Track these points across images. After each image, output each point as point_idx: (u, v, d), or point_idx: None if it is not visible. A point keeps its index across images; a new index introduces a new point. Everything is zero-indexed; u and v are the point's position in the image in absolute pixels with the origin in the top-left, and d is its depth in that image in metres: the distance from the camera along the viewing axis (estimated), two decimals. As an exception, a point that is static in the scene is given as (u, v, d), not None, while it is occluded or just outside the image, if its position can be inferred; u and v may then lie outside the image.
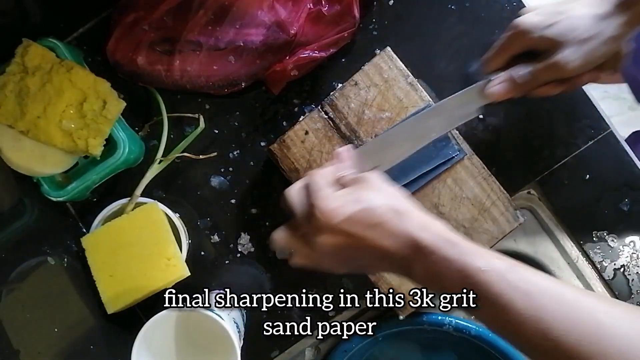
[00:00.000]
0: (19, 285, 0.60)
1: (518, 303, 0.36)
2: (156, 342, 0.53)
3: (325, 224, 0.40)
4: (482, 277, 0.37)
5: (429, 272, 0.40)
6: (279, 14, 0.55)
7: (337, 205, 0.40)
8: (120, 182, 0.60)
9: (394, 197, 0.42)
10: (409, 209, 0.41)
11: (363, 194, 0.41)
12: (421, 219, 0.40)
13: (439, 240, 0.39)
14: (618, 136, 0.61)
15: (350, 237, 0.40)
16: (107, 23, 0.58)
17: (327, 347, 0.62)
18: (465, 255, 0.38)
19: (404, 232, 0.39)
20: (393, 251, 0.40)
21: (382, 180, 0.43)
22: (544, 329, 0.35)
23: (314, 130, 0.56)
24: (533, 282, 0.37)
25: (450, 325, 0.58)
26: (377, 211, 0.40)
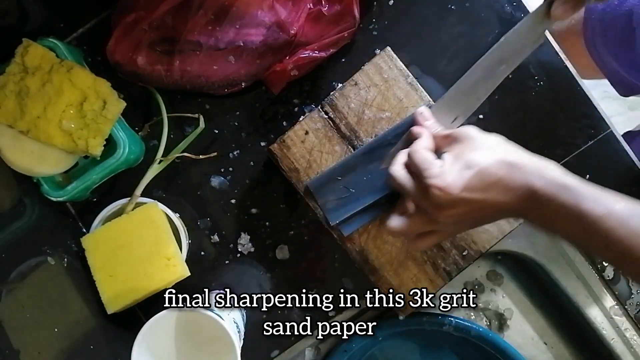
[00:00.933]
0: (19, 285, 0.60)
1: None
2: (156, 342, 0.53)
3: (446, 199, 0.40)
4: (602, 223, 0.37)
5: (548, 220, 0.40)
6: (279, 14, 0.55)
7: (452, 179, 0.40)
8: (120, 182, 0.60)
9: (499, 148, 0.42)
10: (519, 157, 0.41)
11: (470, 156, 0.41)
12: (534, 166, 0.40)
13: (555, 187, 0.38)
14: (618, 136, 0.61)
15: (472, 202, 0.40)
16: (107, 23, 0.58)
17: (327, 347, 0.62)
18: (583, 200, 0.38)
19: (520, 184, 0.39)
20: (514, 204, 0.40)
21: (479, 133, 0.43)
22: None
23: (314, 130, 0.56)
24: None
25: (450, 325, 0.58)
26: (490, 170, 0.40)
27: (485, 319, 0.65)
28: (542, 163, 0.41)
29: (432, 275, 0.55)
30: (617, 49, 0.67)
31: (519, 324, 0.65)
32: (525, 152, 0.42)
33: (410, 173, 0.44)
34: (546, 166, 0.40)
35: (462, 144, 0.43)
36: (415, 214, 0.44)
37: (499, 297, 0.65)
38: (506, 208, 0.41)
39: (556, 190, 0.38)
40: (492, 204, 0.40)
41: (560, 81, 0.60)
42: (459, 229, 0.45)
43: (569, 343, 0.66)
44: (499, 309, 0.65)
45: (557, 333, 0.66)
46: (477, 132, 0.43)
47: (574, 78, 0.60)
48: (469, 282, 0.65)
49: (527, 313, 0.65)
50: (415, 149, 0.44)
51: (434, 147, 0.45)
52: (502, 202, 0.40)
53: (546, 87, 0.60)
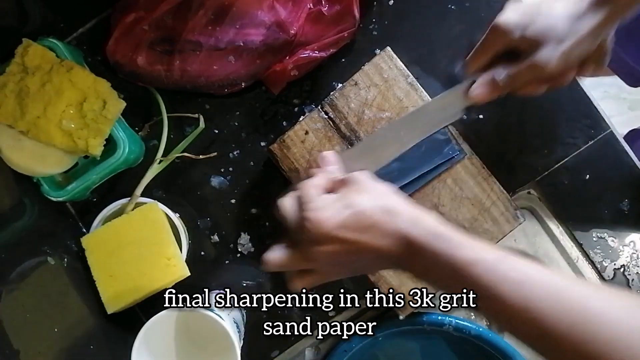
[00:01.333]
0: (19, 285, 0.60)
1: (508, 294, 0.36)
2: (156, 342, 0.53)
3: (319, 234, 0.40)
4: (471, 270, 0.37)
5: (422, 268, 0.40)
6: (279, 14, 0.55)
7: (328, 214, 0.40)
8: (120, 182, 0.60)
9: (383, 195, 0.42)
10: (399, 205, 0.41)
11: (352, 198, 0.41)
12: (411, 215, 0.40)
13: (429, 235, 0.39)
14: (618, 136, 0.61)
15: (345, 242, 0.40)
16: (107, 23, 0.58)
17: (327, 347, 0.62)
18: (455, 248, 0.38)
19: (396, 230, 0.40)
20: (387, 250, 0.40)
21: (369, 179, 0.43)
22: (534, 318, 0.35)
23: (314, 130, 0.56)
24: (523, 272, 0.37)
25: (450, 325, 0.58)
26: (367, 213, 0.40)
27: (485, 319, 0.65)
28: (421, 213, 0.41)
29: (432, 275, 0.55)
30: (625, 38, 0.67)
31: (519, 324, 0.65)
32: (407, 204, 0.42)
33: (296, 205, 0.44)
34: (424, 216, 0.41)
35: (350, 187, 0.43)
36: (294, 249, 0.44)
37: (499, 297, 0.65)
38: (383, 254, 0.41)
39: (430, 239, 0.39)
40: (368, 247, 0.40)
41: (560, 81, 0.60)
42: (337, 271, 0.44)
43: (569, 343, 0.66)
44: (499, 309, 0.65)
45: (557, 333, 0.66)
46: (367, 178, 0.44)
47: (574, 78, 0.60)
48: (469, 282, 0.65)
49: (527, 313, 0.65)
50: (306, 183, 0.44)
51: (328, 188, 0.45)
52: (380, 247, 0.40)
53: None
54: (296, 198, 0.44)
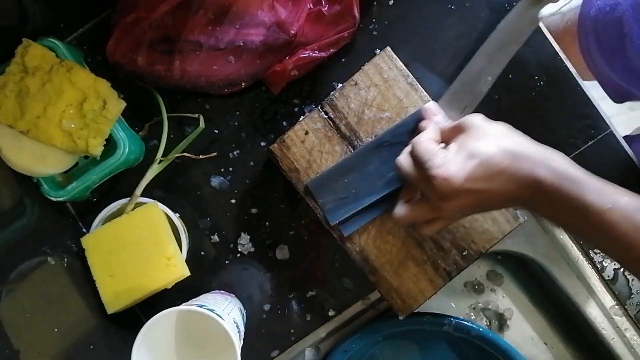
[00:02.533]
0: (19, 285, 0.60)
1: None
2: (156, 342, 0.52)
3: (449, 189, 0.40)
4: (606, 216, 0.36)
5: (552, 210, 0.39)
6: (279, 14, 0.55)
7: (455, 169, 0.40)
8: (120, 182, 0.60)
9: (504, 137, 0.41)
10: (523, 147, 0.40)
11: (473, 145, 0.40)
12: (539, 155, 0.40)
13: (560, 179, 0.38)
14: (618, 136, 0.61)
15: (476, 193, 0.40)
16: (107, 23, 0.58)
17: (327, 347, 0.62)
18: (588, 193, 0.37)
19: (525, 174, 0.39)
20: (518, 194, 0.40)
21: (484, 121, 0.43)
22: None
23: (314, 130, 0.56)
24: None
25: (450, 325, 0.58)
26: (495, 160, 0.39)
27: (485, 319, 0.65)
28: (548, 153, 0.40)
29: (432, 275, 0.55)
30: (609, 55, 0.67)
31: (519, 324, 0.65)
32: (531, 142, 0.41)
33: (415, 163, 0.43)
34: (552, 157, 0.40)
35: (467, 133, 0.42)
36: (420, 202, 0.44)
37: (499, 297, 0.65)
38: (511, 197, 0.40)
39: (561, 182, 0.38)
40: (496, 193, 0.40)
41: (560, 81, 0.60)
42: (464, 215, 0.45)
43: (569, 343, 0.66)
44: (499, 309, 0.65)
45: (557, 333, 0.66)
46: (483, 121, 0.43)
47: (574, 78, 0.60)
48: (469, 282, 0.65)
49: (527, 313, 0.65)
50: (419, 139, 0.43)
51: (440, 139, 0.45)
52: (507, 191, 0.40)
53: (546, 87, 0.60)
54: (414, 155, 0.43)
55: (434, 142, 0.43)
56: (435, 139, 0.44)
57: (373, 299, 0.61)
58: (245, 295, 0.61)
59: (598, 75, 0.72)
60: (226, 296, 0.59)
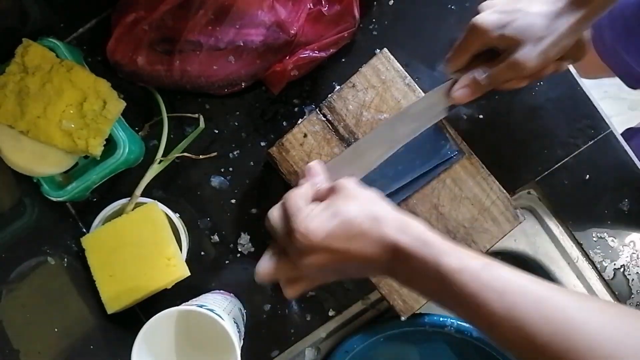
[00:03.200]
0: (19, 285, 0.60)
1: (492, 302, 0.36)
2: (156, 342, 0.53)
3: (307, 244, 0.40)
4: (456, 277, 0.37)
5: (409, 275, 0.40)
6: (279, 14, 0.55)
7: (316, 225, 0.40)
8: (120, 182, 0.60)
9: (369, 202, 0.42)
10: (386, 212, 0.41)
11: (339, 206, 0.41)
12: (398, 221, 0.40)
13: (416, 242, 0.39)
14: (618, 136, 0.61)
15: (334, 252, 0.40)
16: (107, 23, 0.58)
17: (328, 347, 0.62)
18: (440, 255, 0.38)
19: (383, 238, 0.40)
20: (376, 258, 0.40)
21: (355, 186, 0.43)
22: (517, 326, 0.35)
23: (312, 133, 0.56)
24: (507, 280, 0.37)
25: (452, 326, 0.58)
26: (355, 222, 0.40)
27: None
28: (407, 220, 0.41)
29: (432, 275, 0.55)
30: (625, 39, 0.67)
31: (519, 324, 0.65)
32: (394, 209, 0.42)
33: (282, 217, 0.43)
34: (410, 223, 0.40)
35: (336, 194, 0.43)
36: (283, 258, 0.44)
37: (499, 297, 0.65)
38: (370, 261, 0.41)
39: (417, 245, 0.39)
40: (355, 255, 0.40)
41: (560, 81, 0.60)
42: (326, 277, 0.44)
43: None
44: (499, 309, 0.65)
45: (557, 333, 0.66)
46: (353, 185, 0.43)
47: (574, 78, 0.60)
48: (469, 282, 0.65)
49: (527, 313, 0.65)
50: (291, 194, 0.44)
51: (315, 198, 0.45)
52: (366, 254, 0.40)
53: (546, 87, 0.60)
54: (283, 209, 0.43)
55: (305, 200, 0.43)
56: (307, 197, 0.44)
57: (373, 299, 0.61)
58: (245, 295, 0.61)
59: (612, 62, 0.72)
60: (226, 296, 0.59)
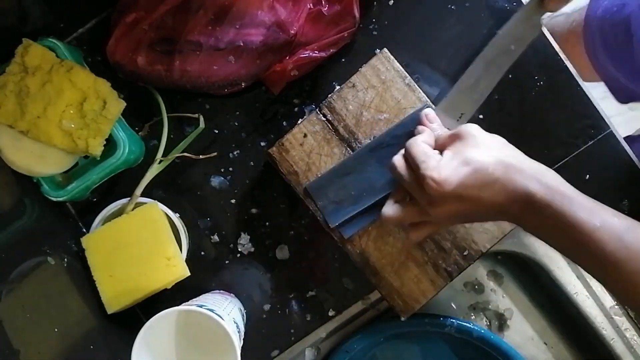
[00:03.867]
0: (19, 285, 0.60)
1: (631, 264, 0.35)
2: (156, 342, 0.52)
3: (440, 193, 0.40)
4: (595, 235, 0.36)
5: (542, 225, 0.39)
6: (279, 14, 0.55)
7: (448, 173, 0.40)
8: (120, 182, 0.60)
9: (500, 148, 0.41)
10: (519, 159, 0.40)
11: (468, 153, 0.40)
12: (532, 170, 0.40)
13: (553, 194, 0.38)
14: (618, 136, 0.61)
15: (467, 200, 0.40)
16: (107, 23, 0.58)
17: (328, 347, 0.62)
18: (579, 210, 0.37)
19: (517, 186, 0.39)
20: (508, 205, 0.39)
21: (482, 132, 0.43)
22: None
23: (312, 133, 0.56)
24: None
25: (452, 326, 0.58)
26: (488, 169, 0.39)
27: (485, 319, 0.65)
28: (541, 168, 0.40)
29: (433, 275, 0.55)
30: (616, 55, 0.67)
31: (519, 324, 0.65)
32: (524, 157, 0.41)
33: (409, 164, 0.43)
34: (545, 172, 0.40)
35: (463, 141, 0.42)
36: (410, 204, 0.44)
37: (499, 297, 0.65)
38: (501, 209, 0.40)
39: (552, 197, 0.38)
40: (486, 203, 0.40)
41: (560, 81, 0.60)
42: (451, 222, 0.45)
43: (569, 343, 0.66)
44: (499, 309, 0.65)
45: (557, 333, 0.66)
46: (479, 131, 0.43)
47: (574, 78, 0.60)
48: (469, 282, 0.65)
49: (527, 313, 0.65)
50: (415, 141, 0.43)
51: (435, 146, 0.45)
52: (497, 202, 0.40)
53: (546, 87, 0.60)
54: (408, 157, 0.43)
55: (429, 146, 0.43)
56: (430, 143, 0.44)
57: (373, 299, 0.61)
58: (245, 295, 0.61)
59: (603, 76, 0.72)
60: (226, 296, 0.59)
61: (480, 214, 0.42)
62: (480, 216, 0.42)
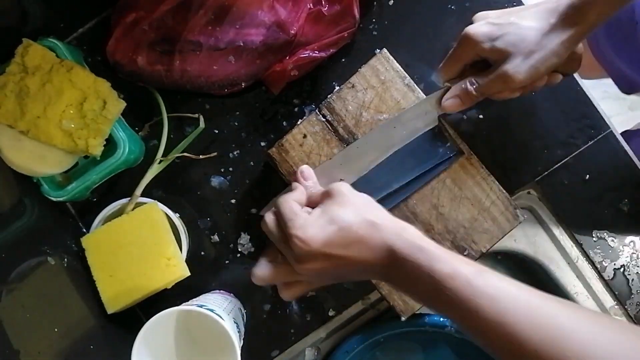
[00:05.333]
0: (19, 285, 0.60)
1: (484, 308, 0.37)
2: (156, 342, 0.52)
3: (306, 252, 0.41)
4: (449, 282, 0.38)
5: (404, 279, 0.41)
6: (279, 14, 0.55)
7: (314, 232, 0.41)
8: (120, 182, 0.60)
9: (365, 207, 0.42)
10: (382, 218, 0.42)
11: (335, 212, 0.41)
12: (394, 227, 0.41)
13: (411, 247, 0.40)
14: (618, 136, 0.61)
15: (332, 257, 0.41)
16: (107, 23, 0.58)
17: (328, 347, 0.62)
18: (434, 261, 0.39)
19: (381, 243, 0.40)
20: (373, 262, 0.41)
21: (350, 191, 0.44)
22: (508, 333, 0.36)
23: (312, 134, 0.56)
24: (499, 288, 0.38)
25: (452, 327, 0.58)
26: (353, 228, 0.41)
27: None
28: (403, 225, 0.42)
29: (432, 275, 0.55)
30: (619, 44, 0.67)
31: (519, 324, 0.65)
32: (388, 214, 0.43)
33: (278, 222, 0.44)
34: (406, 228, 0.41)
35: (332, 199, 0.43)
36: (281, 264, 0.45)
37: (499, 297, 0.65)
38: (367, 267, 0.41)
39: (412, 251, 0.39)
40: (353, 261, 0.41)
41: (560, 81, 0.60)
42: (323, 281, 0.45)
43: (569, 343, 0.66)
44: (499, 309, 0.65)
45: (557, 333, 0.66)
46: (348, 190, 0.44)
47: (574, 78, 0.60)
48: (469, 282, 0.65)
49: (527, 313, 0.65)
50: (284, 198, 0.44)
51: (309, 201, 0.46)
52: (364, 259, 0.41)
53: (546, 88, 0.60)
54: (278, 214, 0.44)
55: (298, 205, 0.44)
56: (300, 201, 0.45)
57: (373, 299, 0.61)
58: (245, 295, 0.61)
59: (606, 65, 0.72)
60: (226, 296, 0.59)
61: (349, 271, 0.42)
62: (349, 273, 0.43)
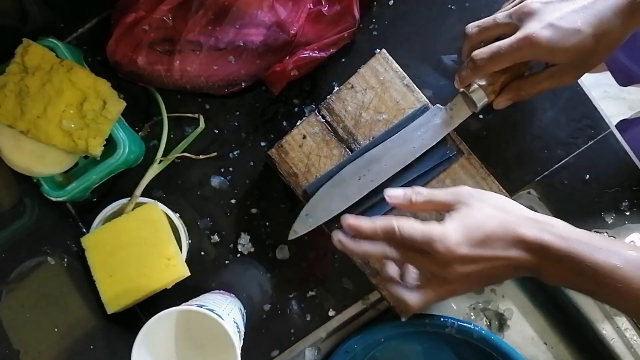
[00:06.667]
0: (19, 285, 0.60)
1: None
2: (156, 342, 0.53)
3: (455, 257, 0.40)
4: (618, 274, 0.36)
5: (561, 274, 0.39)
6: (279, 14, 0.55)
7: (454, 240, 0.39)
8: (120, 182, 0.60)
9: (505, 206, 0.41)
10: (522, 213, 0.41)
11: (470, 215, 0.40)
12: (540, 222, 0.40)
13: (568, 241, 0.38)
14: (618, 136, 0.61)
15: (482, 259, 0.40)
16: (107, 23, 0.58)
17: (328, 347, 0.62)
18: (597, 252, 0.37)
19: (531, 240, 0.39)
20: (523, 260, 0.39)
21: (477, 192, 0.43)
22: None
23: (311, 135, 0.56)
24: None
25: (453, 327, 0.58)
26: (491, 228, 0.40)
27: (485, 319, 0.65)
28: (547, 218, 0.41)
29: (432, 275, 0.55)
30: None
31: (519, 324, 0.65)
32: (527, 210, 0.42)
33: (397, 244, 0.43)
34: (553, 222, 0.40)
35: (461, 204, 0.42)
36: (428, 282, 0.44)
37: (499, 297, 0.65)
38: (517, 264, 0.40)
39: (569, 244, 0.38)
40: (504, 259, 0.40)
41: (560, 81, 0.60)
42: (472, 287, 0.44)
43: (569, 343, 0.66)
44: (499, 309, 0.65)
45: (557, 333, 0.66)
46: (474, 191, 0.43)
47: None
48: (469, 282, 0.65)
49: (527, 313, 0.65)
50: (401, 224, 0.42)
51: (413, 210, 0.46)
52: (515, 257, 0.40)
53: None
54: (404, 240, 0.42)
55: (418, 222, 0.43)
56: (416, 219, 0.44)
57: (373, 299, 0.61)
58: (245, 295, 0.61)
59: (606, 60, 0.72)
60: (226, 296, 0.59)
61: (499, 271, 0.41)
62: (499, 274, 0.42)
